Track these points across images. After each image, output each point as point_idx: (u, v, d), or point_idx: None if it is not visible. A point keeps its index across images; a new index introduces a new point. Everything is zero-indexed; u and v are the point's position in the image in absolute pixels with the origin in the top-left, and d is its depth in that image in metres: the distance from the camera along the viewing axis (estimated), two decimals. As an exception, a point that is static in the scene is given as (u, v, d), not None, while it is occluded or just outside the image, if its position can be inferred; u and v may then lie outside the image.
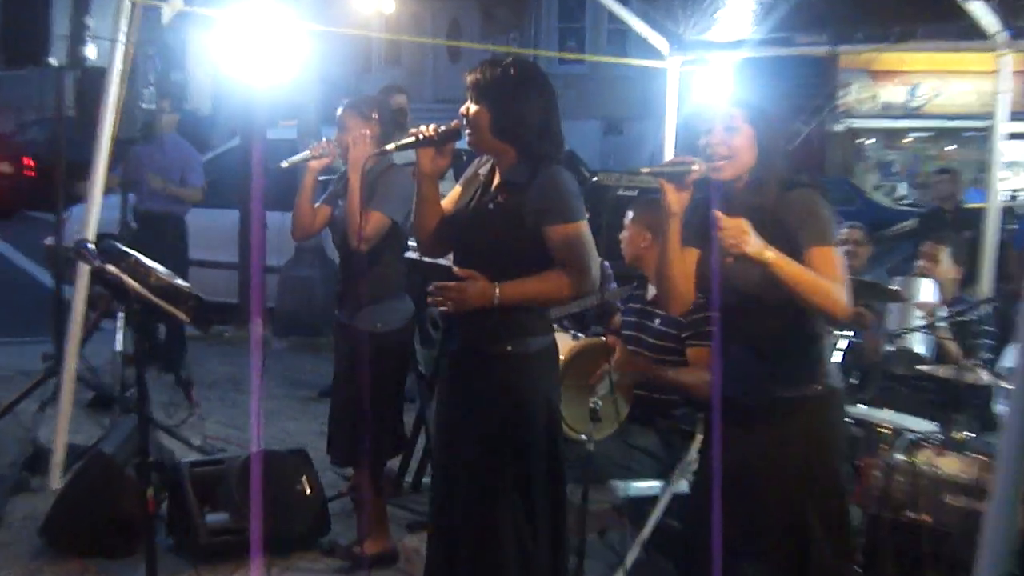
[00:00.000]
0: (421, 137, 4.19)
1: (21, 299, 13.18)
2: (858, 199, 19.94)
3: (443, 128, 4.17)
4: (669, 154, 8.79)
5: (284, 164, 5.61)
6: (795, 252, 3.77)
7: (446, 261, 4.63)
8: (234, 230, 11.37)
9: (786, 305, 3.79)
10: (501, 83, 4.14)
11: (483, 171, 4.36)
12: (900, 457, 5.09)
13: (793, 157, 4.03)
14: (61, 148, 7.28)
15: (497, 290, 4.10)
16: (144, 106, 7.49)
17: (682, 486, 5.23)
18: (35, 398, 7.10)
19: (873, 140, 24.82)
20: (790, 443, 3.92)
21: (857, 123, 23.43)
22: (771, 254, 3.67)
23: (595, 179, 9.55)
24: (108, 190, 7.34)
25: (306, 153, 5.54)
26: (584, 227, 4.15)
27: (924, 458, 5.07)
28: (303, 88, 11.70)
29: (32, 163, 23.90)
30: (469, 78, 4.19)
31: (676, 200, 3.88)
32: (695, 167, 3.84)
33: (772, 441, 3.93)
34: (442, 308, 4.20)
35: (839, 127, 22.97)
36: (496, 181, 4.27)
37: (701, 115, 4.10)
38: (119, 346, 7.66)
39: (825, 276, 3.73)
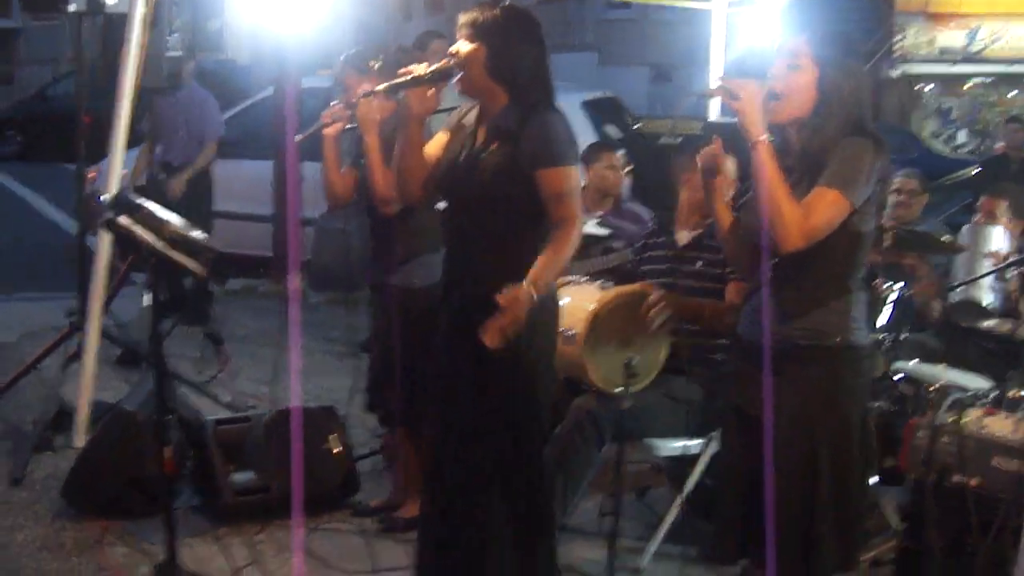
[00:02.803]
0: (413, 76, 4.15)
1: (53, 253, 13.07)
2: (915, 148, 19.59)
3: (434, 67, 4.14)
4: (715, 99, 8.51)
5: (297, 138, 5.40)
6: None
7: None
8: (270, 181, 11.19)
9: (814, 254, 3.67)
10: (499, 23, 4.14)
11: (468, 119, 4.33)
12: (946, 417, 4.82)
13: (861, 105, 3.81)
14: (82, 98, 7.09)
15: (532, 289, 4.02)
16: (169, 54, 7.30)
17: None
18: (60, 354, 6.93)
19: (931, 86, 24.34)
20: (803, 392, 3.81)
21: (914, 68, 22.95)
22: (764, 139, 3.62)
23: (637, 126, 9.36)
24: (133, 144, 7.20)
25: (318, 123, 5.30)
26: (575, 173, 4.16)
27: (972, 418, 4.81)
28: (340, 36, 11.48)
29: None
30: (464, 18, 4.18)
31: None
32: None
33: (786, 387, 3.79)
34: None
35: (895, 73, 22.51)
36: (484, 129, 4.23)
37: (754, 56, 3.99)
38: (147, 301, 7.49)
39: (803, 205, 3.63)
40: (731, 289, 5.25)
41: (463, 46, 4.14)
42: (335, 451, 5.83)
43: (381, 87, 4.33)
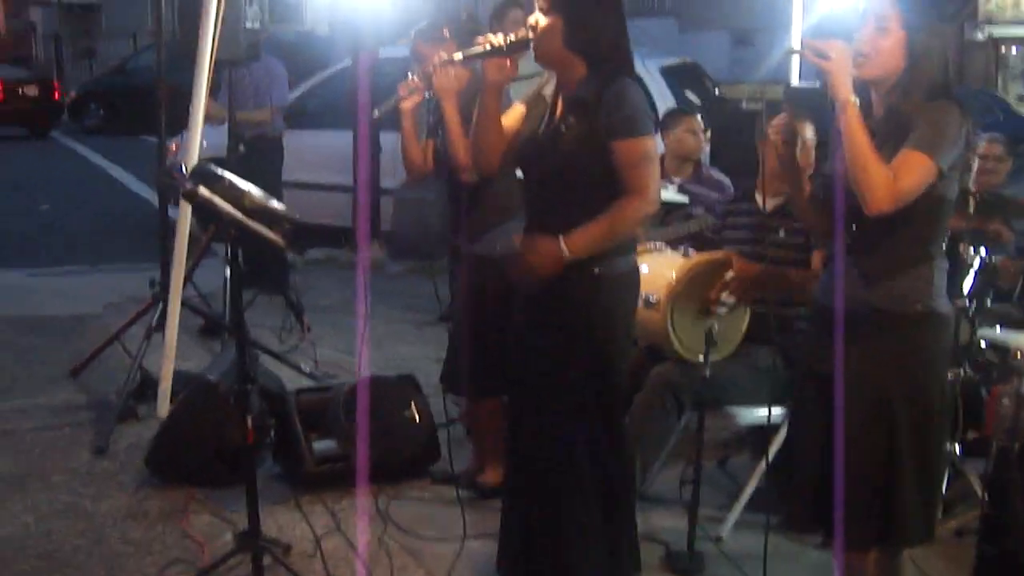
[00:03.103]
0: (490, 47, 4.10)
1: (136, 225, 13.24)
2: (1001, 111, 19.25)
3: (512, 38, 4.09)
4: (796, 63, 8.39)
5: (375, 114, 5.37)
6: None
7: None
8: (349, 152, 11.21)
9: (896, 219, 3.62)
10: None
11: (547, 91, 4.27)
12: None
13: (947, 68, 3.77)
14: (161, 70, 7.12)
15: (563, 245, 3.99)
16: (248, 26, 7.29)
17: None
18: (143, 324, 7.00)
19: (1017, 48, 23.85)
20: (882, 358, 3.78)
21: (999, 31, 22.53)
22: (853, 100, 3.56)
23: (718, 92, 9.26)
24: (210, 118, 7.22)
25: (395, 97, 5.27)
26: (650, 143, 4.07)
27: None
28: (418, 6, 11.45)
29: (57, 85, 26.08)
30: None
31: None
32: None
33: (864, 353, 3.77)
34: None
35: (980, 35, 22.09)
36: (562, 101, 4.17)
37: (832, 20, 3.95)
38: (228, 271, 7.54)
39: (892, 168, 3.57)
40: (816, 257, 5.18)
41: (540, 18, 4.07)
42: (415, 419, 5.84)
43: (457, 55, 4.31)
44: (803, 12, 8.69)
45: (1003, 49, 23.49)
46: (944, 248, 3.88)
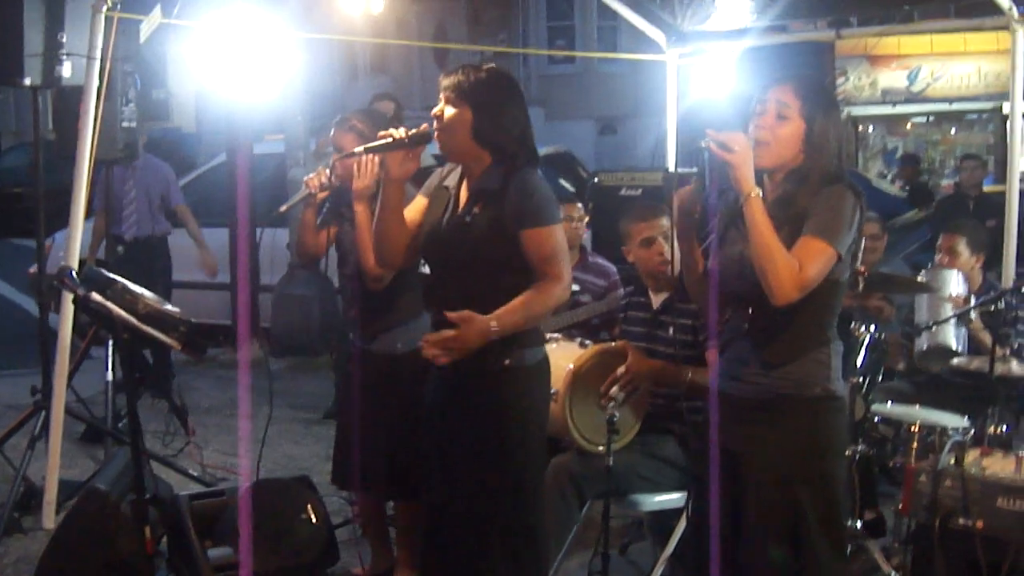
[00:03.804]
0: (392, 140, 4.09)
1: (10, 330, 12.87)
2: (864, 188, 19.69)
3: (414, 131, 4.09)
4: (672, 149, 8.52)
5: (282, 209, 5.32)
6: None
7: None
8: (224, 249, 11.09)
9: (797, 304, 3.63)
10: (486, 86, 4.08)
11: (449, 182, 4.27)
12: (947, 461, 4.82)
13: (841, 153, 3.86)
14: (40, 172, 6.99)
15: (494, 323, 3.96)
16: (125, 125, 7.22)
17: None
18: (25, 433, 6.80)
19: (875, 127, 24.55)
20: (785, 443, 3.78)
21: (857, 110, 23.18)
22: (756, 193, 3.60)
23: (596, 180, 9.35)
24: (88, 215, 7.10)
25: (303, 192, 5.22)
26: (558, 231, 4.09)
27: (971, 460, 4.82)
28: (288, 100, 11.42)
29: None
30: (447, 80, 4.10)
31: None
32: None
33: (767, 439, 3.79)
34: (441, 361, 4.01)
35: (840, 115, 22.68)
36: (467, 191, 4.18)
37: (703, 107, 3.98)
38: (109, 375, 7.38)
39: (794, 256, 3.60)
40: (711, 356, 5.20)
41: (447, 109, 4.08)
42: (312, 521, 5.72)
43: (359, 149, 4.31)
44: (676, 99, 8.87)
45: (861, 128, 24.16)
46: (837, 330, 3.91)
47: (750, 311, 3.81)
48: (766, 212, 3.62)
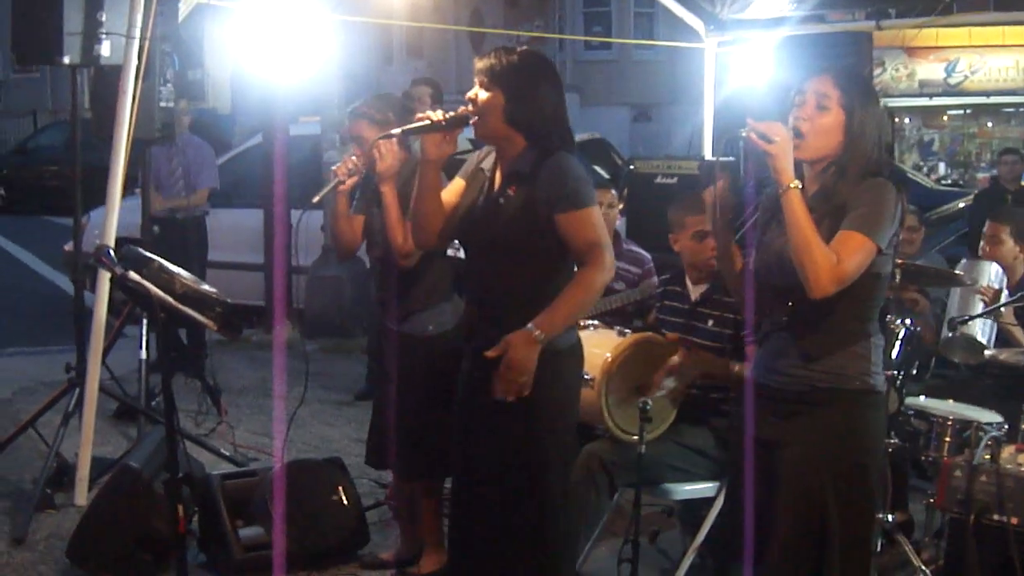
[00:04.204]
0: (430, 122, 4.07)
1: (44, 307, 12.98)
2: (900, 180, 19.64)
3: (451, 114, 4.07)
4: (708, 137, 8.50)
5: (315, 199, 5.34)
6: None
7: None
8: (259, 230, 11.13)
9: (835, 297, 3.61)
10: (518, 70, 4.07)
11: (486, 164, 4.28)
12: (982, 456, 4.80)
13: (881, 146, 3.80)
14: (77, 151, 7.02)
15: (537, 332, 3.95)
16: (163, 104, 7.24)
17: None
18: (58, 410, 6.84)
19: (911, 119, 24.44)
20: (821, 435, 3.76)
21: (894, 102, 23.08)
22: (795, 184, 3.58)
23: (632, 167, 9.32)
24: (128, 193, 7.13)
25: (333, 182, 5.24)
26: (595, 212, 4.08)
27: (1007, 456, 4.80)
28: (324, 82, 11.45)
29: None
30: (481, 64, 4.10)
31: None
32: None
33: (804, 431, 3.77)
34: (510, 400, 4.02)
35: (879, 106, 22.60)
36: (501, 174, 4.18)
37: (740, 96, 3.96)
38: (143, 354, 7.41)
39: (833, 250, 3.57)
40: (752, 350, 5.18)
41: (480, 93, 4.08)
42: (343, 503, 5.75)
43: (396, 131, 4.32)
44: (714, 87, 8.85)
45: (897, 120, 24.06)
46: (879, 324, 3.89)
47: (790, 304, 3.78)
48: (805, 204, 3.60)
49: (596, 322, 5.46)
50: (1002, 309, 6.05)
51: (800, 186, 3.61)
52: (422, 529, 5.55)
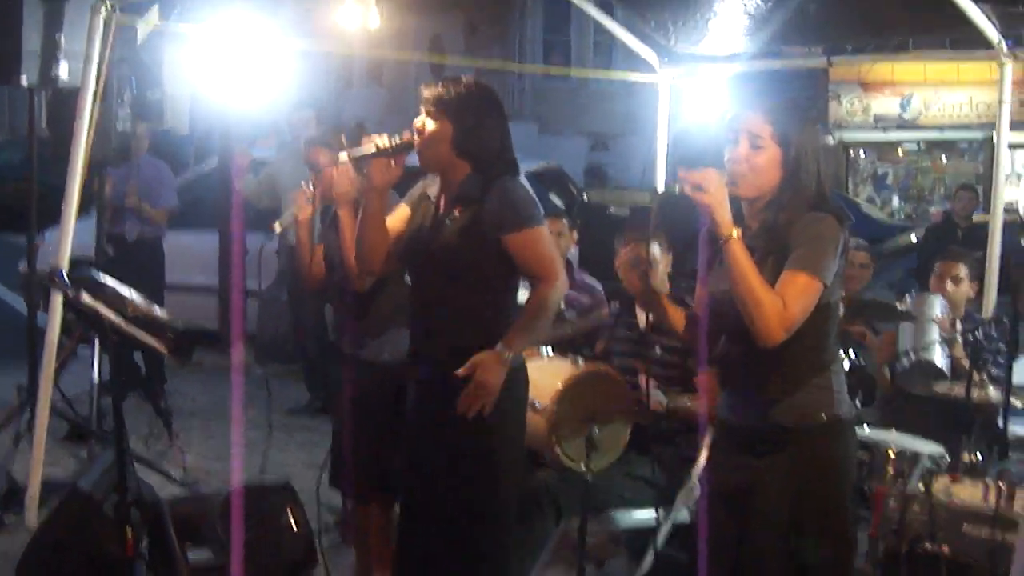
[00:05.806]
0: (376, 148, 4.14)
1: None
2: (853, 213, 19.79)
3: (397, 140, 4.14)
4: (661, 170, 8.58)
5: (276, 229, 5.37)
6: None
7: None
8: (213, 253, 11.10)
9: (792, 335, 3.58)
10: (466, 100, 4.15)
11: (432, 192, 4.35)
12: (916, 486, 4.88)
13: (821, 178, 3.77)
14: (34, 171, 7.03)
15: (505, 352, 4.05)
16: (120, 127, 7.26)
17: (682, 515, 5.00)
18: (9, 431, 6.82)
19: (866, 153, 24.69)
20: (794, 473, 3.72)
21: (849, 135, 23.33)
22: (735, 233, 3.53)
23: (584, 198, 9.40)
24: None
25: (291, 210, 5.28)
26: (544, 231, 4.18)
27: (940, 486, 4.87)
28: (283, 106, 11.45)
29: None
30: (428, 93, 4.18)
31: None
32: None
33: (775, 470, 3.73)
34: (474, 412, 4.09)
35: (831, 140, 22.85)
36: (446, 199, 4.26)
37: (690, 133, 4.00)
38: (96, 375, 7.40)
39: (779, 295, 3.54)
40: (700, 381, 5.20)
41: (428, 123, 4.14)
42: (292, 528, 5.76)
43: (343, 156, 4.35)
44: (667, 120, 8.92)
45: (852, 153, 24.29)
46: (836, 352, 3.84)
47: (744, 347, 3.71)
48: (747, 253, 3.56)
49: (550, 351, 5.51)
50: (956, 339, 6.13)
51: (740, 234, 3.56)
52: (375, 553, 5.57)
